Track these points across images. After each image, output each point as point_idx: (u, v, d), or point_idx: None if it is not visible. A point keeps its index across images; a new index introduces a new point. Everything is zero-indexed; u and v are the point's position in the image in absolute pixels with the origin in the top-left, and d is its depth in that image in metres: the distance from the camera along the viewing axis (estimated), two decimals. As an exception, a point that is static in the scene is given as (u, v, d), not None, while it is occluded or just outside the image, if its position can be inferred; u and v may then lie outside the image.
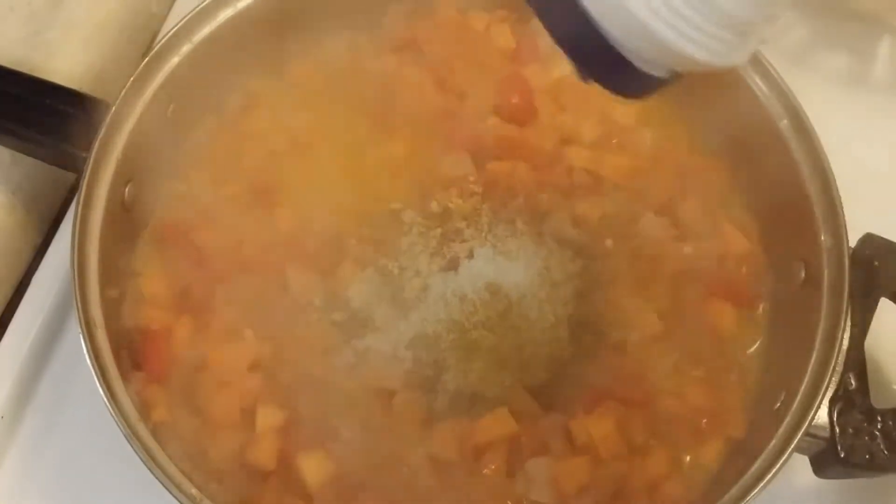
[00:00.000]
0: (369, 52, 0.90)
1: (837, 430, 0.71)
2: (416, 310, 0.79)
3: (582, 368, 0.78)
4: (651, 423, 0.75)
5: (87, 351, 0.69)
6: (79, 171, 0.76)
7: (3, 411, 0.82)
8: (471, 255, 0.81)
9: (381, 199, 0.84)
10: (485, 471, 0.73)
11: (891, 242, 0.77)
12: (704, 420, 0.76)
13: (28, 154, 0.84)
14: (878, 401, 0.74)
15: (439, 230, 0.83)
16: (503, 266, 0.81)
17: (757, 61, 0.82)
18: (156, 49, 0.80)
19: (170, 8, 1.03)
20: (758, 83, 0.82)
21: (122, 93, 0.78)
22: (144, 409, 0.72)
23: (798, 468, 0.76)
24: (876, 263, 0.76)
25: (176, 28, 0.81)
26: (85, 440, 0.81)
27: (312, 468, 0.73)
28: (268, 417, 0.74)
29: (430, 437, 0.74)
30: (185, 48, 0.81)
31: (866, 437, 0.71)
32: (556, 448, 0.74)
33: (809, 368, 0.72)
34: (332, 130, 0.86)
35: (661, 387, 0.77)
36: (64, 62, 0.93)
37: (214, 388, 0.75)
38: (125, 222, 0.79)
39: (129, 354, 0.75)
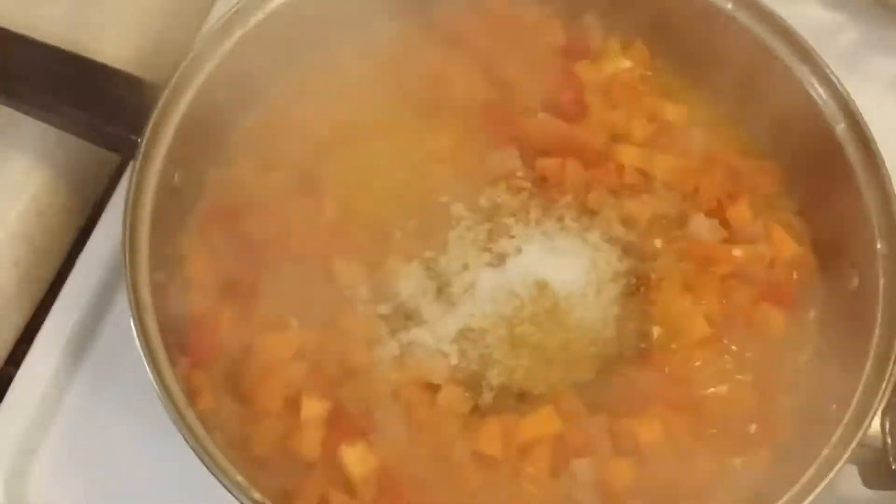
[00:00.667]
0: (419, 43, 0.89)
1: (890, 441, 0.70)
2: (463, 304, 0.79)
3: (629, 369, 0.77)
4: (698, 427, 0.75)
5: (138, 335, 0.69)
6: (125, 154, 0.76)
7: (44, 393, 0.82)
8: (519, 251, 0.81)
9: (429, 192, 0.84)
10: (529, 469, 0.73)
11: (947, 251, 0.76)
12: (753, 426, 0.75)
13: (75, 134, 0.84)
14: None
15: (487, 225, 0.82)
16: (551, 263, 0.80)
17: (814, 63, 0.81)
18: (208, 35, 0.80)
19: (217, -7, 1.03)
20: (815, 86, 0.82)
21: (176, 76, 0.78)
22: (190, 395, 0.72)
23: (846, 478, 0.75)
24: (932, 272, 0.75)
25: (229, 14, 0.80)
26: (126, 423, 0.80)
27: (356, 460, 0.72)
28: (312, 407, 0.74)
29: (474, 433, 0.74)
30: (238, 34, 0.81)
31: (919, 450, 0.70)
32: (601, 449, 0.73)
33: (863, 378, 0.71)
34: (379, 121, 0.86)
35: (708, 391, 0.76)
36: (110, 43, 0.92)
37: (259, 376, 0.75)
38: (174, 207, 0.79)
39: (175, 340, 0.75)
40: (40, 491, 0.80)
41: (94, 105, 0.80)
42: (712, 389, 0.77)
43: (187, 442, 0.66)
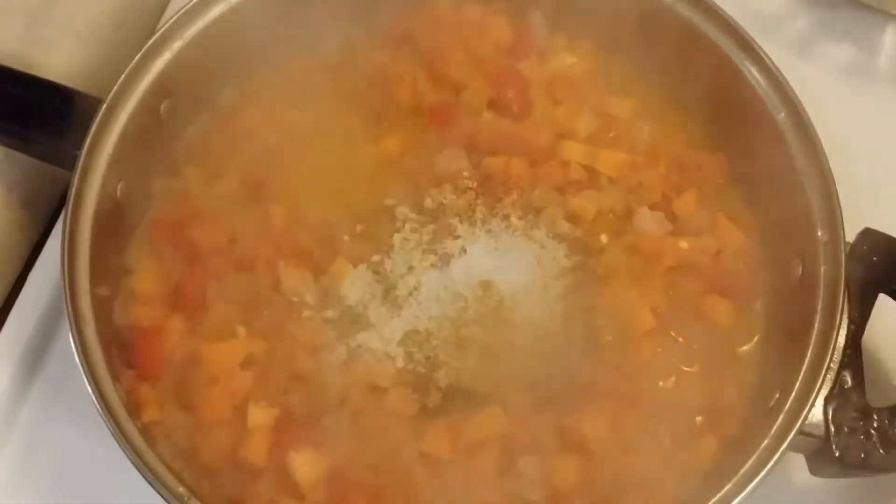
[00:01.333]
0: (364, 46, 0.89)
1: (832, 428, 0.70)
2: (409, 307, 0.79)
3: (575, 365, 0.77)
4: (645, 420, 0.75)
5: (76, 348, 0.69)
6: (70, 168, 0.76)
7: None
8: (463, 252, 0.81)
9: (375, 195, 0.84)
10: (477, 469, 0.73)
11: (890, 237, 0.76)
12: (699, 418, 0.76)
13: (23, 152, 0.84)
14: (878, 399, 0.73)
15: (432, 226, 0.82)
16: (496, 262, 0.80)
17: (754, 53, 0.81)
18: (147, 46, 0.80)
19: (167, 4, 1.03)
20: (755, 75, 0.82)
21: (114, 89, 0.78)
22: (135, 408, 0.72)
23: (795, 467, 0.76)
24: (874, 259, 0.75)
25: (168, 24, 0.80)
26: (80, 438, 0.81)
27: (304, 466, 0.72)
28: (259, 415, 0.74)
29: (422, 434, 0.74)
30: (178, 44, 0.81)
31: (861, 436, 0.70)
32: (548, 446, 0.73)
33: (804, 366, 0.71)
34: (326, 125, 0.86)
35: (655, 383, 0.76)
36: (60, 59, 0.93)
37: (206, 386, 0.75)
38: (118, 219, 0.79)
39: (121, 352, 0.75)
40: (-4, 508, 0.80)
41: (37, 121, 0.81)
42: (660, 382, 0.77)
43: (126, 454, 0.66)
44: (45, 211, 0.94)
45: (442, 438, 0.74)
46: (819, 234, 0.75)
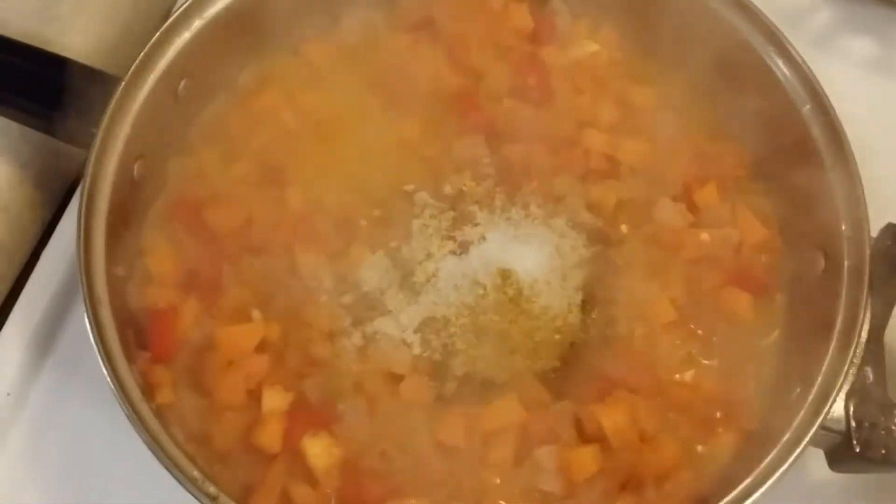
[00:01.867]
0: (385, 30, 0.88)
1: (853, 423, 0.70)
2: (426, 294, 0.78)
3: (593, 356, 0.77)
4: (663, 412, 0.74)
5: (91, 329, 0.68)
6: (86, 147, 0.75)
7: (9, 388, 0.81)
8: (483, 239, 0.80)
9: (394, 181, 0.83)
10: (492, 458, 0.72)
11: (914, 233, 0.75)
12: (718, 411, 0.75)
13: (38, 129, 0.83)
14: (898, 395, 0.72)
15: (451, 213, 0.81)
16: (515, 250, 0.80)
17: (780, 45, 0.81)
18: (167, 24, 0.79)
19: (184, -17, 1.02)
20: (780, 67, 0.81)
21: (132, 68, 0.77)
22: (149, 390, 0.71)
23: (813, 461, 0.75)
24: (898, 254, 0.74)
25: (187, 3, 0.79)
26: (91, 419, 0.80)
27: (318, 452, 0.72)
28: (274, 399, 0.73)
29: (437, 422, 0.73)
30: (197, 24, 0.80)
31: (882, 432, 0.69)
32: (565, 436, 0.73)
33: (826, 361, 0.70)
34: (345, 109, 0.85)
35: (673, 376, 0.76)
36: (76, 36, 0.92)
37: (221, 369, 0.74)
38: (134, 199, 0.78)
39: (136, 334, 0.74)
40: (5, 488, 0.79)
41: (53, 98, 0.80)
42: (678, 375, 0.76)
43: (140, 436, 0.65)
44: (59, 190, 0.93)
45: (458, 427, 0.73)
46: (843, 228, 0.75)
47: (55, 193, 0.92)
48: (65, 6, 0.92)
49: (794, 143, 0.80)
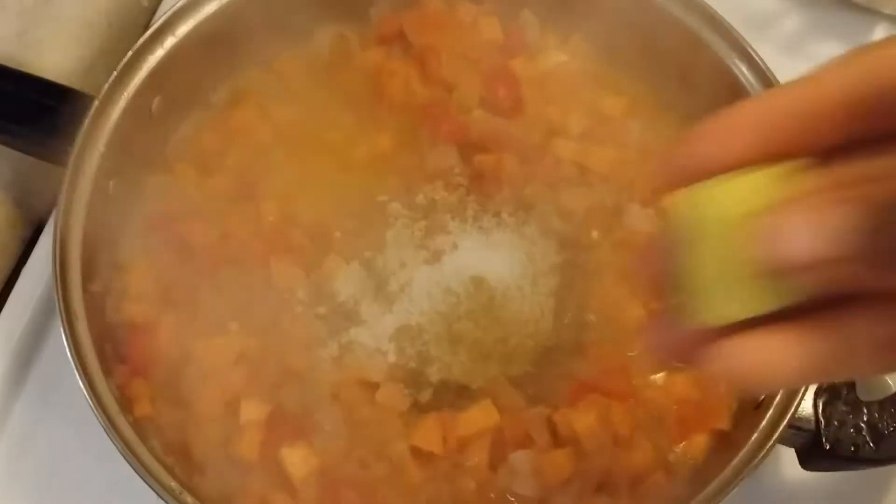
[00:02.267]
0: (356, 44, 0.89)
1: (822, 421, 0.71)
2: (400, 302, 0.79)
3: (566, 360, 0.78)
4: (635, 415, 0.75)
5: (68, 344, 0.69)
6: (63, 165, 0.76)
7: (-10, 407, 0.82)
8: (455, 248, 0.81)
9: (367, 192, 0.84)
10: (468, 463, 0.73)
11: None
12: (690, 412, 0.76)
13: (15, 148, 0.84)
14: (868, 392, 0.73)
15: (424, 223, 0.82)
16: (487, 258, 0.81)
17: (744, 51, 0.82)
18: (139, 43, 0.80)
19: (160, 1, 1.03)
20: (745, 74, 0.82)
21: (105, 86, 0.78)
22: (127, 403, 0.72)
23: (787, 460, 0.76)
24: (864, 253, 0.75)
25: (160, 22, 0.81)
26: (73, 435, 0.81)
27: (296, 461, 0.73)
28: (251, 410, 0.74)
29: (413, 429, 0.74)
30: (170, 42, 0.81)
31: (852, 430, 0.70)
32: (539, 441, 0.73)
33: (794, 359, 0.71)
34: (318, 123, 0.86)
35: (645, 379, 0.77)
36: (54, 58, 0.93)
37: (199, 382, 0.75)
38: (110, 216, 0.79)
39: (114, 348, 0.75)
40: (-14, 507, 0.80)
41: (31, 118, 0.81)
42: (650, 377, 0.77)
43: (117, 447, 0.66)
44: (37, 208, 0.94)
45: (433, 433, 0.74)
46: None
47: (34, 212, 0.93)
48: (42, 28, 0.93)
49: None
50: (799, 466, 0.75)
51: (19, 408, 0.83)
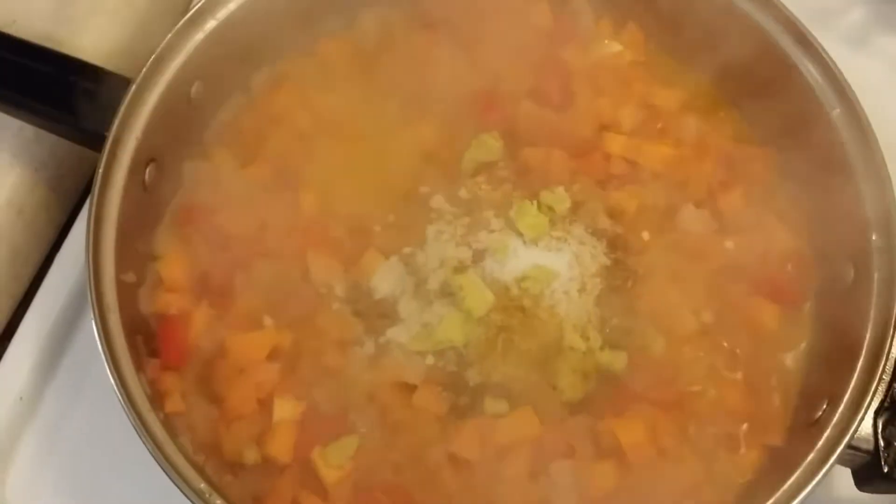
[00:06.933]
0: (401, 29, 0.86)
1: (882, 443, 0.67)
2: (440, 302, 0.76)
3: (612, 368, 0.74)
4: (684, 427, 0.72)
5: (99, 336, 0.68)
6: (99, 149, 0.74)
7: (22, 392, 0.81)
8: (498, 246, 0.78)
9: (409, 184, 0.81)
10: (507, 473, 0.70)
11: (947, 244, 0.72)
12: (741, 426, 0.73)
13: (51, 131, 0.82)
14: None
15: (467, 219, 0.79)
16: (532, 258, 0.77)
17: (811, 47, 0.78)
18: (178, 26, 0.78)
19: (200, -18, 1.01)
20: (811, 70, 0.78)
21: (143, 71, 0.76)
22: (158, 398, 0.71)
23: (840, 479, 0.73)
24: (931, 266, 0.72)
25: (200, 4, 0.78)
26: (102, 425, 0.79)
27: (330, 464, 0.70)
28: (285, 408, 0.72)
29: (450, 435, 0.72)
30: (210, 24, 0.79)
31: (912, 452, 0.67)
32: (582, 451, 0.71)
33: (854, 376, 0.68)
34: (361, 111, 0.84)
35: (696, 390, 0.74)
36: (91, 38, 0.91)
37: (231, 377, 0.73)
38: (146, 204, 0.77)
39: (146, 341, 0.74)
40: (18, 492, 0.79)
41: (67, 101, 0.79)
42: (700, 388, 0.74)
43: (146, 446, 0.64)
44: (73, 192, 0.92)
45: (471, 440, 0.71)
46: (873, 237, 0.72)
47: (69, 196, 0.92)
48: (79, 7, 0.91)
49: (822, 149, 0.77)
50: (853, 486, 0.71)
51: (50, 395, 0.82)
